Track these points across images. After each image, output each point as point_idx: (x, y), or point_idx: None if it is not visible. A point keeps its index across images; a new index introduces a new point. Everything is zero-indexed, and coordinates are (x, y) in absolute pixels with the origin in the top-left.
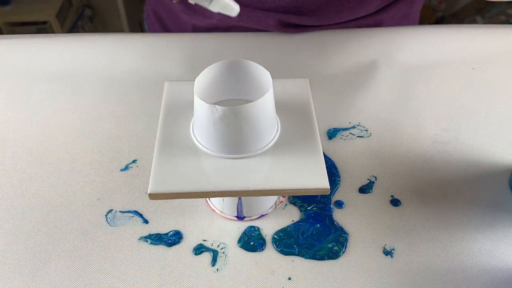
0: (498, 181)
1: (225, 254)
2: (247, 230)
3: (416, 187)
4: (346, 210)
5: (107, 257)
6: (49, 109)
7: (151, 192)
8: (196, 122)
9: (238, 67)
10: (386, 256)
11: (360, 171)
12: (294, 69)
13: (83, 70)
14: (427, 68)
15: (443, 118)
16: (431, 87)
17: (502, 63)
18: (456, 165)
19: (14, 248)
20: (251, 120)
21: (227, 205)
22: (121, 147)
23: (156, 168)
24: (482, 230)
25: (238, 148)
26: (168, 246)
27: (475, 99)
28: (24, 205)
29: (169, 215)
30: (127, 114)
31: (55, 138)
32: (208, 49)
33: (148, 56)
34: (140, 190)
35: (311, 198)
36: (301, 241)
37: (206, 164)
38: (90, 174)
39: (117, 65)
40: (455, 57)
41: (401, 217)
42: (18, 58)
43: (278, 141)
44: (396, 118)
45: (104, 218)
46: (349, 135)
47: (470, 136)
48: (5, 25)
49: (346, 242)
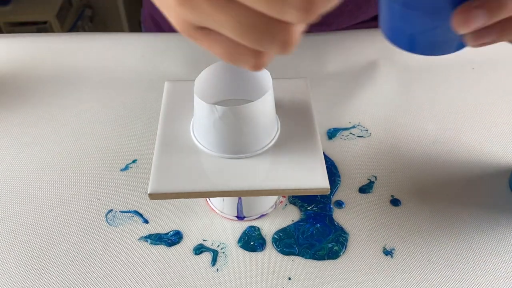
0: (498, 181)
1: (225, 254)
2: (247, 230)
3: (416, 187)
4: (346, 210)
5: (107, 257)
6: (48, 109)
7: (151, 192)
8: (196, 122)
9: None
10: (386, 256)
11: (360, 171)
12: (294, 69)
13: (83, 70)
14: (427, 68)
15: (443, 118)
16: (431, 87)
17: (502, 63)
18: (456, 165)
19: (14, 248)
20: (251, 120)
21: (227, 205)
22: (121, 147)
23: (156, 168)
24: (482, 230)
25: (238, 148)
26: (168, 246)
27: (475, 99)
28: (24, 205)
29: (169, 215)
30: (127, 114)
31: (55, 137)
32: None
33: (148, 56)
34: (140, 190)
35: (311, 198)
36: (301, 241)
37: (206, 164)
38: (90, 174)
39: (117, 65)
40: (455, 57)
41: (401, 217)
42: (18, 58)
43: (278, 141)
44: (396, 118)
45: (104, 218)
46: (349, 135)
47: (470, 136)
48: (5, 25)
49: (346, 242)
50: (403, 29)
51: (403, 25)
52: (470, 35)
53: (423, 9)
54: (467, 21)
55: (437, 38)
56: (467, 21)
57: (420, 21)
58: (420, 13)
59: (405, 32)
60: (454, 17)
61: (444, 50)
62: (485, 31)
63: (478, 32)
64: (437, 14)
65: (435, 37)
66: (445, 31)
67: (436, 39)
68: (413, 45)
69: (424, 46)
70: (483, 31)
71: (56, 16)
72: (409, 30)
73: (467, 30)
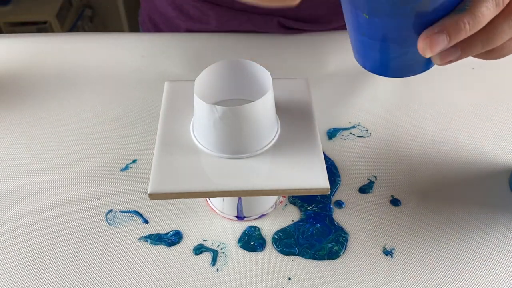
0: (498, 181)
1: (225, 254)
2: (247, 230)
3: (416, 187)
4: (346, 210)
5: (107, 257)
6: (49, 108)
7: (151, 192)
8: (196, 122)
9: (238, 67)
10: (386, 256)
11: (360, 171)
12: (294, 69)
13: (83, 70)
14: None
15: (443, 118)
16: (431, 87)
17: (502, 63)
18: (456, 165)
19: (14, 248)
20: (251, 120)
21: (227, 205)
22: (121, 147)
23: (156, 168)
24: (482, 230)
25: (238, 148)
26: (168, 246)
27: (475, 99)
28: (24, 205)
29: (169, 215)
30: (127, 114)
31: (54, 137)
32: (208, 49)
33: (148, 56)
34: (140, 190)
35: (311, 198)
36: (301, 241)
37: (206, 164)
38: (90, 174)
39: (117, 65)
40: None
41: (401, 217)
42: (18, 58)
43: (278, 141)
44: (396, 118)
45: (104, 218)
46: (349, 135)
47: (470, 136)
48: (5, 25)
49: (346, 242)
50: (375, 57)
51: (374, 54)
52: (437, 56)
53: (391, 40)
54: (431, 46)
55: (407, 62)
56: (431, 46)
57: (390, 50)
58: (389, 43)
59: (377, 60)
60: (418, 44)
61: (414, 71)
62: (448, 51)
63: (443, 53)
64: (405, 42)
65: (405, 62)
66: (413, 55)
67: (406, 63)
68: (386, 70)
69: (395, 70)
70: (447, 51)
71: (56, 16)
72: (380, 58)
73: (432, 54)
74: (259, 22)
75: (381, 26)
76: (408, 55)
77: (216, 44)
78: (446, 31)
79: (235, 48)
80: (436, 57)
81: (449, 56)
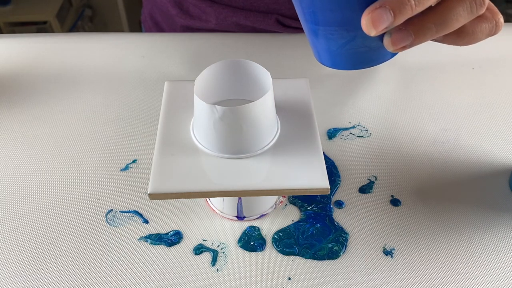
0: (498, 181)
1: (225, 254)
2: (247, 230)
3: (416, 187)
4: (346, 210)
5: (107, 257)
6: (49, 109)
7: (151, 192)
8: (196, 122)
9: (238, 67)
10: (386, 256)
11: (360, 171)
12: (294, 69)
13: (83, 70)
14: (427, 68)
15: (443, 118)
16: (431, 87)
17: (502, 63)
18: (456, 165)
19: (14, 248)
20: (251, 120)
21: (227, 205)
22: (121, 147)
23: (156, 168)
24: (482, 230)
25: (238, 148)
26: (168, 246)
27: (475, 99)
28: (24, 205)
29: (169, 215)
30: (127, 114)
31: (54, 138)
32: (208, 49)
33: (148, 56)
34: (140, 190)
35: (311, 198)
36: (301, 241)
37: (206, 164)
38: (90, 174)
39: (117, 65)
40: (455, 57)
41: (401, 217)
42: (18, 58)
43: (278, 141)
44: (396, 118)
45: (104, 218)
46: (349, 135)
47: (470, 136)
48: (5, 25)
49: (346, 242)
50: (323, 47)
51: (321, 42)
52: (388, 41)
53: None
54: (374, 22)
55: (359, 49)
56: (374, 22)
57: (336, 35)
58: (333, 28)
59: (325, 49)
60: (362, 22)
61: (371, 61)
62: (400, 35)
63: (394, 38)
64: (350, 25)
65: (357, 49)
66: (363, 39)
67: (358, 51)
68: (339, 61)
69: (349, 60)
70: (398, 36)
71: (56, 16)
72: (328, 47)
73: (376, 31)
74: (257, 19)
75: (321, 7)
76: (358, 40)
77: (216, 44)
78: (389, 6)
79: (235, 48)
80: (387, 42)
81: (401, 41)
